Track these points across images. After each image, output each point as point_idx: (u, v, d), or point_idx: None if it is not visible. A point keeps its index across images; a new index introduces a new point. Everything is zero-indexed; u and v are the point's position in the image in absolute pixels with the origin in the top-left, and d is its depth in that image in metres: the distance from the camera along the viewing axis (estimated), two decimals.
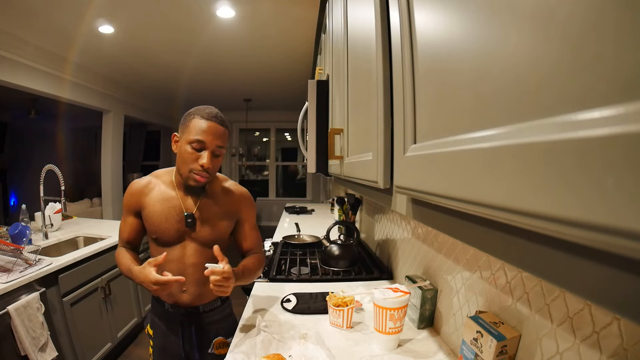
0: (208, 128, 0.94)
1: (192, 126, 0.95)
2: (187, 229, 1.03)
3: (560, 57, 0.17)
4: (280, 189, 7.22)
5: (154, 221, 1.02)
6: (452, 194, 0.28)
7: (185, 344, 1.10)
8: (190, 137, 0.94)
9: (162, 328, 1.11)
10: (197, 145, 0.94)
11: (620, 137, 0.13)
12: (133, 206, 1.06)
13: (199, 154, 0.95)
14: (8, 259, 1.57)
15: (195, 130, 0.94)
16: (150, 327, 1.15)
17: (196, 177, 0.96)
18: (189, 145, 0.94)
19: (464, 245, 0.84)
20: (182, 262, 1.04)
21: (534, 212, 0.18)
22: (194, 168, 0.95)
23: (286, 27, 2.72)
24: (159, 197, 1.03)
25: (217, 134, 0.95)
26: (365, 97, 0.64)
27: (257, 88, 4.76)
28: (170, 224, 1.02)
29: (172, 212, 1.02)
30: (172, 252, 1.03)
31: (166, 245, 1.04)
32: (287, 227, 2.61)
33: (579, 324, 0.49)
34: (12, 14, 2.39)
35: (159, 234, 1.02)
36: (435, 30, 0.34)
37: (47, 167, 2.05)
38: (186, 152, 0.95)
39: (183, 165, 0.97)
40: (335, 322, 1.02)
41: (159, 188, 1.05)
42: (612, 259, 0.15)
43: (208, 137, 0.94)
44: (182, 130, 0.97)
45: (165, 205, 1.02)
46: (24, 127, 5.80)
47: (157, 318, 1.12)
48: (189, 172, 0.96)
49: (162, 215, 1.02)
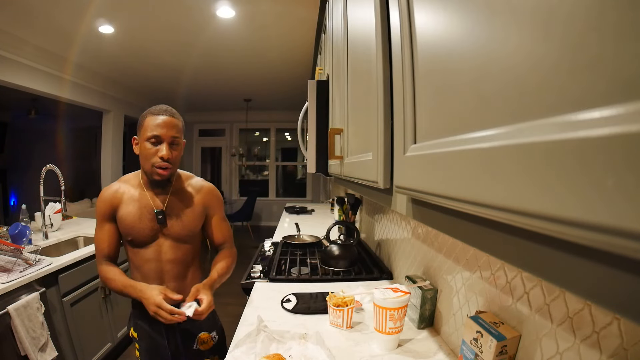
0: (162, 122, 1.00)
1: (146, 124, 1.01)
2: (159, 226, 1.08)
3: (561, 57, 0.17)
4: (280, 189, 7.22)
5: (129, 222, 1.05)
6: (452, 194, 0.28)
7: (170, 343, 1.12)
8: (147, 134, 1.00)
9: (146, 329, 1.12)
10: (154, 140, 1.00)
11: (620, 137, 0.13)
12: (108, 212, 1.08)
13: (157, 148, 1.01)
14: (8, 259, 1.57)
15: (150, 127, 1.00)
16: (134, 330, 1.15)
17: (158, 170, 1.01)
18: (147, 142, 1.00)
19: (464, 245, 0.84)
20: (159, 260, 1.09)
21: (533, 212, 0.18)
22: (155, 162, 1.01)
23: (286, 27, 2.72)
24: (130, 199, 1.08)
25: (170, 125, 1.01)
26: (365, 97, 0.64)
27: (257, 88, 4.76)
28: (144, 223, 1.06)
29: (144, 212, 1.06)
30: (148, 251, 1.08)
31: (141, 245, 1.07)
32: (287, 227, 2.61)
33: (579, 324, 0.49)
34: (12, 14, 2.39)
35: (134, 234, 1.06)
36: (435, 30, 0.34)
37: (47, 167, 2.05)
38: (145, 148, 1.01)
39: (145, 162, 1.03)
40: (335, 322, 1.02)
41: (129, 191, 1.09)
42: (612, 259, 0.15)
43: (162, 130, 1.00)
44: (139, 131, 1.04)
45: (136, 206, 1.07)
46: (24, 127, 5.80)
47: (139, 320, 1.13)
48: (151, 167, 1.02)
49: (135, 216, 1.06)
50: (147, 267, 1.08)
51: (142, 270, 1.09)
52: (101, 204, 1.08)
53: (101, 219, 1.09)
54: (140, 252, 1.08)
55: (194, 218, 1.14)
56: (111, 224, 1.09)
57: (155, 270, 1.09)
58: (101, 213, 1.08)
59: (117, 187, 1.10)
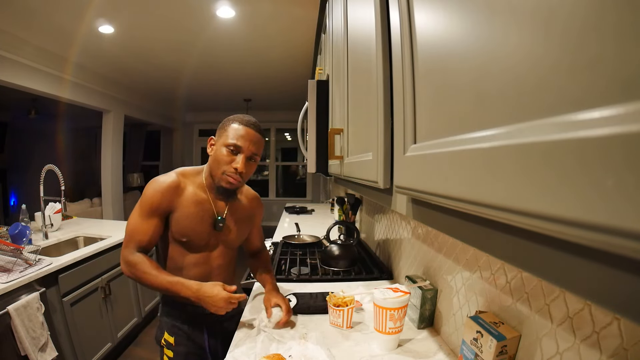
0: (246, 134, 0.96)
1: (230, 130, 0.97)
2: (217, 233, 1.05)
3: (560, 57, 0.17)
4: (280, 189, 7.22)
5: (188, 224, 0.99)
6: (452, 194, 0.28)
7: (211, 347, 1.09)
8: (228, 141, 0.96)
9: (186, 332, 1.06)
10: (234, 149, 0.96)
11: (620, 137, 0.13)
12: (164, 206, 0.97)
13: (233, 157, 0.96)
14: (8, 259, 1.57)
15: (233, 135, 0.96)
16: (169, 335, 1.05)
17: (229, 179, 0.97)
18: (225, 148, 0.96)
19: (464, 245, 0.84)
20: (209, 265, 1.06)
21: (533, 212, 0.18)
22: (228, 170, 0.96)
23: (286, 27, 2.72)
24: (193, 199, 1.00)
25: (253, 140, 0.97)
26: (365, 97, 0.64)
27: (257, 88, 4.77)
28: (204, 227, 1.02)
29: (205, 215, 1.02)
30: (198, 255, 1.04)
31: (195, 248, 1.03)
32: (287, 227, 2.61)
33: (579, 324, 0.49)
34: (12, 14, 2.39)
35: (191, 237, 1.01)
36: (435, 30, 0.34)
37: (47, 167, 2.05)
38: (222, 154, 0.96)
39: (217, 167, 0.98)
40: (335, 322, 1.02)
41: (190, 189, 1.02)
42: (612, 259, 0.15)
43: (245, 143, 0.96)
44: (220, 134, 0.99)
45: (199, 208, 1.01)
46: (24, 127, 5.81)
47: (179, 322, 1.06)
48: (222, 174, 0.97)
49: (196, 218, 1.00)
50: (194, 270, 1.03)
51: (188, 272, 1.03)
52: (156, 194, 0.96)
53: (150, 211, 0.97)
54: (190, 254, 1.03)
55: (246, 227, 1.15)
56: (160, 219, 0.98)
57: (203, 275, 1.03)
58: (154, 205, 0.96)
59: (178, 181, 1.00)
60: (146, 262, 0.95)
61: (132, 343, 2.34)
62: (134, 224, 0.98)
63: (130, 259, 0.96)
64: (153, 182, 0.99)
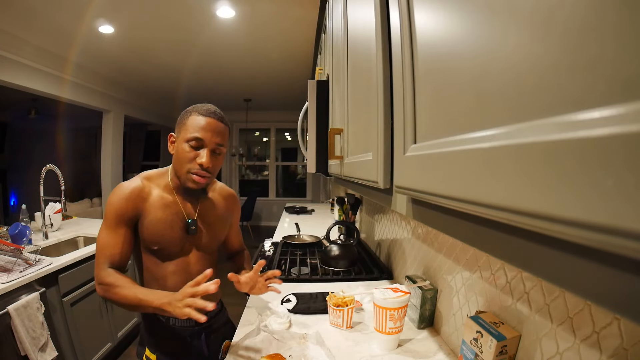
0: (207, 124, 0.88)
1: (189, 123, 0.88)
2: (190, 237, 0.97)
3: (560, 56, 0.17)
4: (280, 189, 7.22)
5: (158, 230, 0.91)
6: (452, 194, 0.28)
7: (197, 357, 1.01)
8: (188, 135, 0.87)
9: (169, 347, 0.99)
10: (195, 144, 0.87)
11: (620, 137, 0.13)
12: (130, 213, 0.90)
13: (197, 153, 0.88)
14: (8, 259, 1.57)
15: (193, 127, 0.87)
16: (151, 352, 0.98)
17: (194, 177, 0.89)
18: (186, 143, 0.88)
19: (464, 245, 0.84)
20: (188, 272, 0.97)
21: (533, 212, 0.18)
22: (192, 168, 0.88)
23: (286, 27, 2.72)
24: (159, 203, 0.93)
25: (216, 131, 0.89)
26: (365, 97, 0.64)
27: (257, 88, 4.76)
28: (175, 232, 0.94)
29: (175, 219, 0.94)
30: (174, 263, 0.96)
31: (169, 256, 0.95)
32: (287, 227, 2.61)
33: (579, 324, 0.49)
34: (12, 14, 2.39)
35: (163, 244, 0.93)
36: (435, 30, 0.34)
37: (47, 167, 2.05)
38: (183, 151, 0.88)
39: (180, 166, 0.90)
40: (335, 322, 1.02)
41: (156, 192, 0.94)
42: (612, 259, 0.15)
43: (207, 134, 0.87)
44: (179, 129, 0.91)
45: (167, 212, 0.93)
46: (24, 127, 5.81)
47: (160, 339, 0.98)
48: (186, 173, 0.89)
49: (166, 223, 0.92)
50: (172, 279, 0.95)
51: (165, 283, 0.95)
52: (121, 202, 0.89)
53: (116, 221, 0.89)
54: (164, 264, 0.95)
55: (223, 228, 1.06)
56: (128, 228, 0.90)
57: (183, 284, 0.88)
58: (118, 213, 0.89)
59: (141, 186, 0.93)
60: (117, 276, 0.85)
61: (132, 343, 2.34)
62: (102, 238, 0.89)
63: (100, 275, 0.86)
64: (116, 190, 0.92)
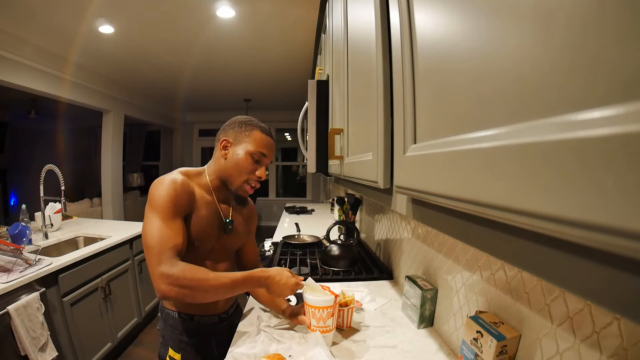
0: (270, 144, 0.98)
1: (254, 138, 0.95)
2: (222, 236, 1.01)
3: (560, 57, 0.17)
4: (280, 189, 7.22)
5: (201, 226, 0.93)
6: (452, 194, 0.28)
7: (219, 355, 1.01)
8: (254, 149, 0.94)
9: (194, 345, 1.00)
10: (259, 158, 0.95)
11: (620, 137, 0.13)
12: (185, 205, 0.89)
13: (256, 166, 0.95)
14: (8, 259, 1.57)
15: (260, 143, 0.95)
16: (174, 351, 0.98)
17: (248, 187, 0.96)
18: (250, 155, 0.94)
19: (464, 245, 0.84)
20: (215, 269, 0.99)
21: (534, 212, 0.18)
22: (251, 179, 0.95)
23: (286, 27, 2.72)
24: (203, 201, 0.95)
25: (273, 151, 1.00)
26: (365, 97, 0.64)
27: (257, 88, 4.77)
28: (214, 230, 0.97)
29: (214, 218, 0.97)
30: (207, 260, 0.99)
31: (203, 252, 0.98)
32: (287, 227, 2.61)
33: (579, 324, 0.49)
34: (12, 14, 2.39)
35: (202, 240, 0.95)
36: (435, 30, 0.34)
37: (47, 167, 2.05)
38: (245, 161, 0.94)
39: (238, 174, 0.94)
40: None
41: (198, 190, 0.95)
42: (612, 259, 0.15)
43: (270, 153, 0.97)
44: (240, 139, 0.95)
45: (209, 210, 0.96)
46: (24, 127, 5.80)
47: (186, 337, 0.99)
48: (243, 182, 0.95)
49: (208, 220, 0.95)
50: None
51: None
52: (176, 192, 0.86)
53: (173, 210, 0.85)
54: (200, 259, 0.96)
55: (244, 233, 1.11)
56: (182, 220, 0.88)
57: None
58: (175, 204, 0.85)
59: (187, 181, 0.92)
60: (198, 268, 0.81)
61: (132, 343, 2.34)
62: (158, 230, 0.81)
63: (174, 273, 0.77)
64: (164, 181, 0.87)
